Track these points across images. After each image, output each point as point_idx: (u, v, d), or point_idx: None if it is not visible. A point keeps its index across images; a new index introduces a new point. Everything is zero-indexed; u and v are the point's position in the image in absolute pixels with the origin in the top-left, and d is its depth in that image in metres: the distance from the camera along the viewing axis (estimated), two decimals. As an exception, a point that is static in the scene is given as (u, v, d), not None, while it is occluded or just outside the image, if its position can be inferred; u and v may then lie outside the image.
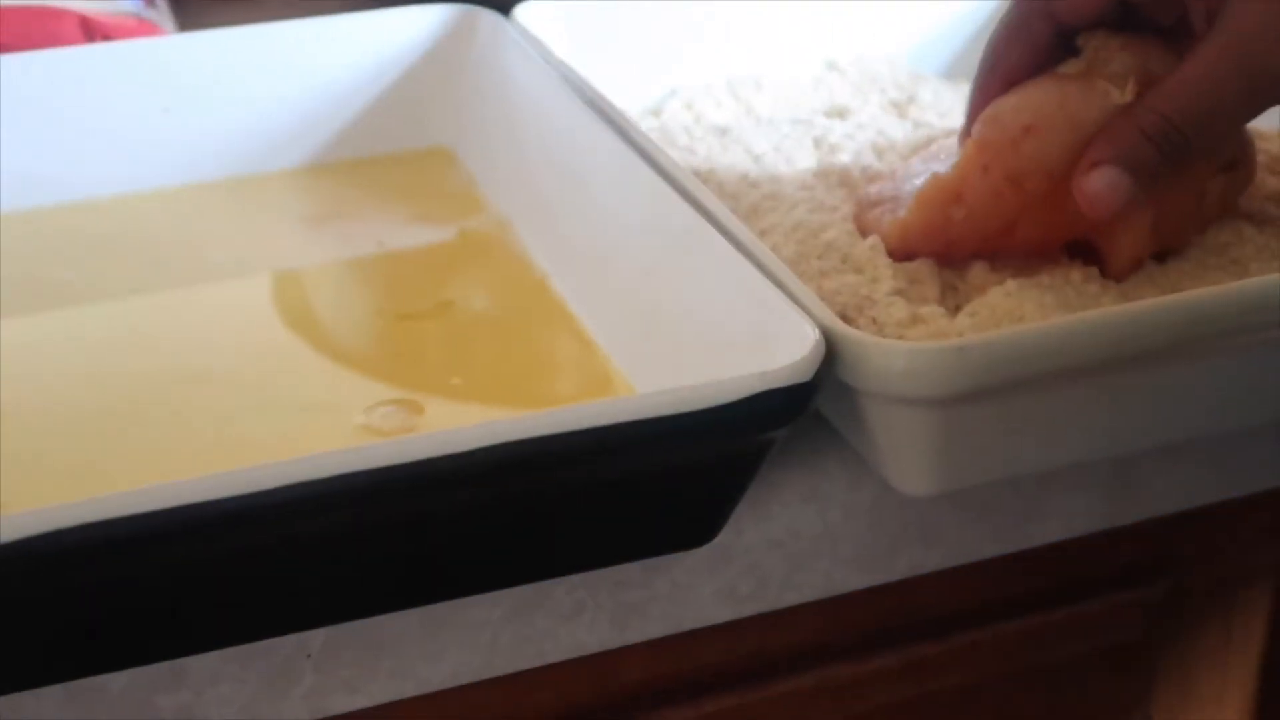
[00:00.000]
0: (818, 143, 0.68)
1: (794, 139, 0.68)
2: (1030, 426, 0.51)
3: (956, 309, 0.56)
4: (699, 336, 0.53)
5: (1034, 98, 0.55)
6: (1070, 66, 0.56)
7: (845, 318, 0.54)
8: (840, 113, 0.71)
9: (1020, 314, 0.54)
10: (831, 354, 0.48)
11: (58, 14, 0.74)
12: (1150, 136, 0.51)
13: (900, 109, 0.72)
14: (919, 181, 0.59)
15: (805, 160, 0.66)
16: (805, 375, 0.47)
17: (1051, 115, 0.54)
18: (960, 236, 0.56)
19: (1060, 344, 0.49)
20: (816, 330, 0.48)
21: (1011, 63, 0.55)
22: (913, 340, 0.53)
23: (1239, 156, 0.58)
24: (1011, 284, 0.55)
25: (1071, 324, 0.49)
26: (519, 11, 0.71)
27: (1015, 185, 0.54)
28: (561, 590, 0.53)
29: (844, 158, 0.67)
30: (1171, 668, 0.65)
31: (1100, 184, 0.51)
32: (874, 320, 0.55)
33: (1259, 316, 0.51)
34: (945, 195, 0.56)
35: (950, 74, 0.77)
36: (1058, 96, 0.54)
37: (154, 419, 0.56)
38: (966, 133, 0.57)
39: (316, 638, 0.50)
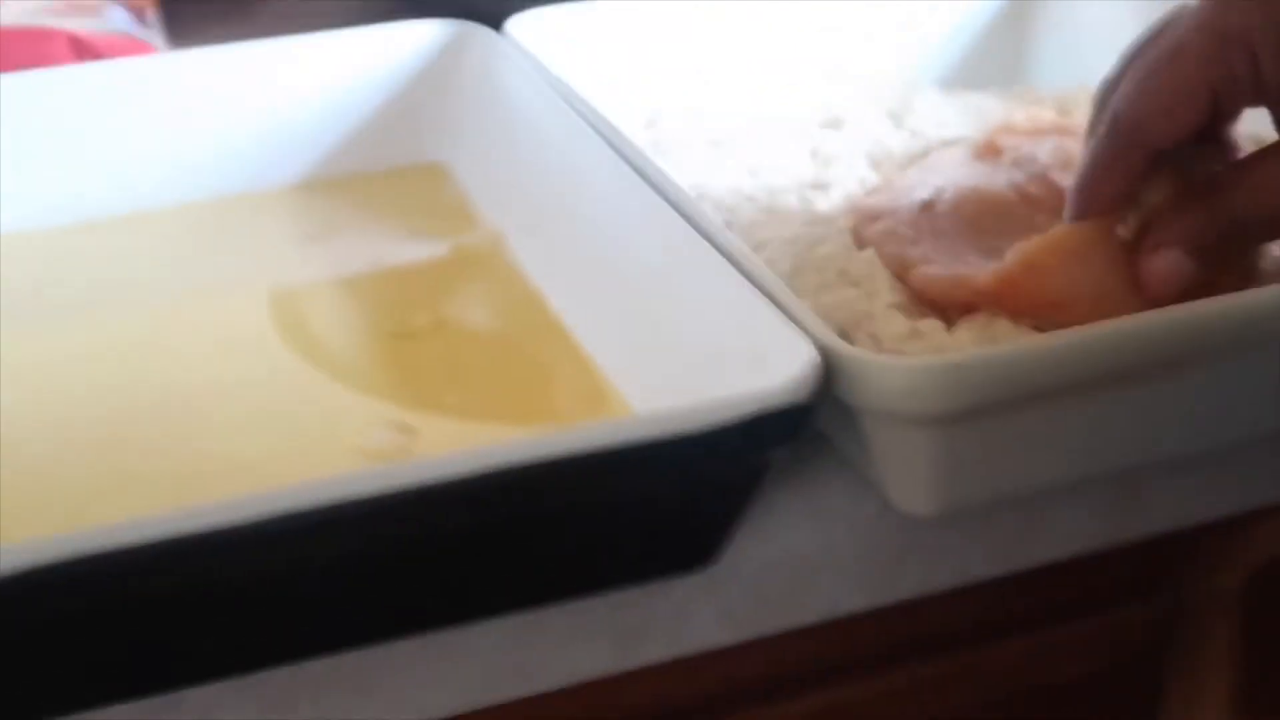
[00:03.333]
0: (814, 154, 0.68)
1: (790, 151, 0.68)
2: (1032, 443, 0.51)
3: (954, 322, 0.55)
4: (695, 353, 0.53)
5: (1074, 273, 0.53)
6: (1126, 225, 0.54)
7: (843, 333, 0.54)
8: (836, 123, 0.71)
9: (1019, 328, 0.54)
10: (830, 372, 0.48)
11: (48, 34, 0.74)
12: (1218, 229, 0.51)
13: (897, 119, 0.71)
14: (921, 194, 0.59)
15: (801, 172, 0.66)
16: (803, 395, 0.46)
17: (1080, 295, 0.53)
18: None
19: (1061, 359, 0.48)
20: (814, 349, 0.48)
21: (1107, 197, 0.53)
22: (911, 355, 0.52)
23: None
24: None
25: (1072, 339, 0.49)
26: (511, 25, 0.71)
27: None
28: (559, 615, 0.52)
29: (840, 169, 0.66)
30: (1177, 683, 0.65)
31: (1165, 265, 0.51)
32: (872, 336, 0.54)
33: (1261, 329, 0.51)
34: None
35: (947, 84, 0.77)
36: (1097, 276, 0.53)
37: (149, 438, 0.56)
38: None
39: (313, 668, 0.50)
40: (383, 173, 0.72)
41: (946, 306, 0.56)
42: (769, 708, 0.58)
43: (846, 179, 0.65)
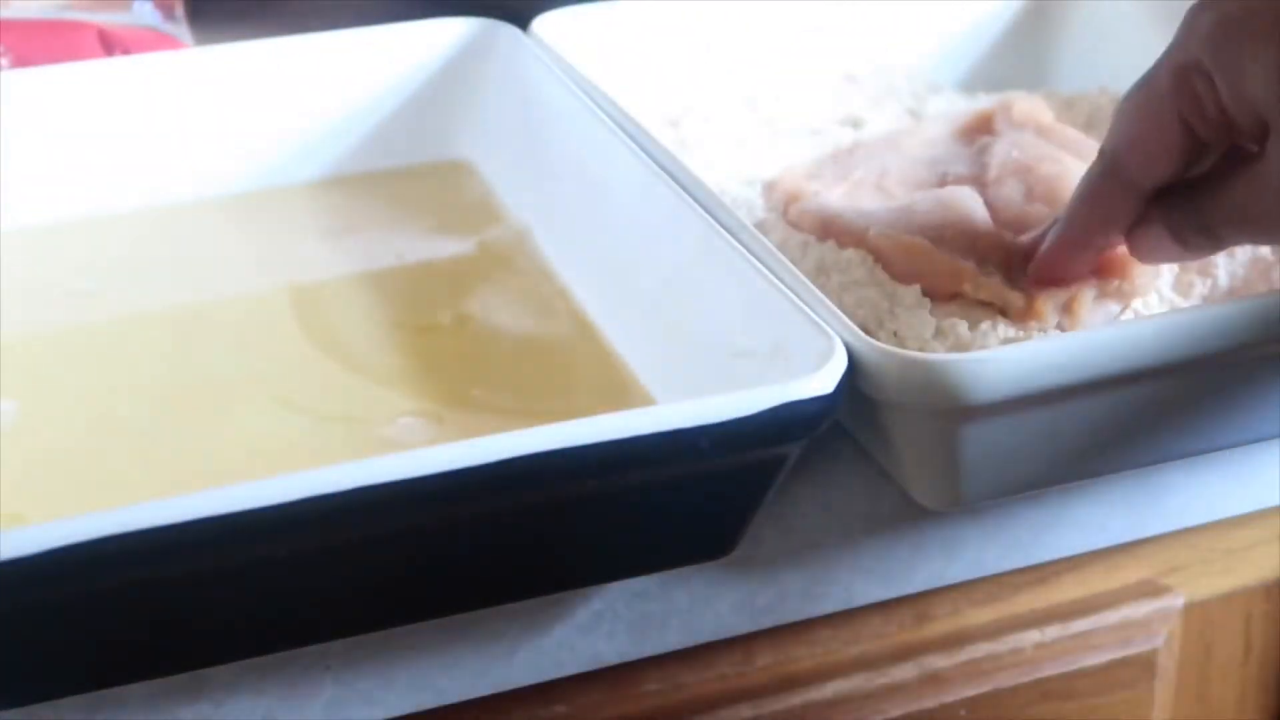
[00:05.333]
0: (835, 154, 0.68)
1: (811, 150, 0.68)
2: (1051, 439, 0.51)
3: (978, 322, 0.56)
4: (719, 348, 0.53)
5: None
6: None
7: (866, 330, 0.54)
8: (857, 123, 0.71)
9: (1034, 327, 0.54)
10: (853, 366, 0.48)
11: (77, 27, 0.75)
12: (1197, 227, 0.52)
13: (917, 120, 0.72)
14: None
15: (823, 172, 0.66)
16: (826, 388, 0.47)
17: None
18: None
19: (1083, 356, 0.49)
20: (838, 342, 0.48)
21: (1090, 226, 0.55)
22: (933, 351, 0.53)
23: None
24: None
25: (1094, 336, 0.49)
26: (537, 24, 0.71)
27: None
28: (580, 602, 0.53)
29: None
30: (1190, 680, 0.65)
31: (1148, 239, 0.53)
32: (894, 334, 0.54)
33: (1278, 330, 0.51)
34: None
35: (968, 85, 0.77)
36: None
37: (175, 432, 0.56)
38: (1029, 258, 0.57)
39: (336, 649, 0.50)
40: (408, 169, 0.72)
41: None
42: (785, 697, 0.58)
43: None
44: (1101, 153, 0.53)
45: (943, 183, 0.63)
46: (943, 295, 0.56)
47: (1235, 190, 0.51)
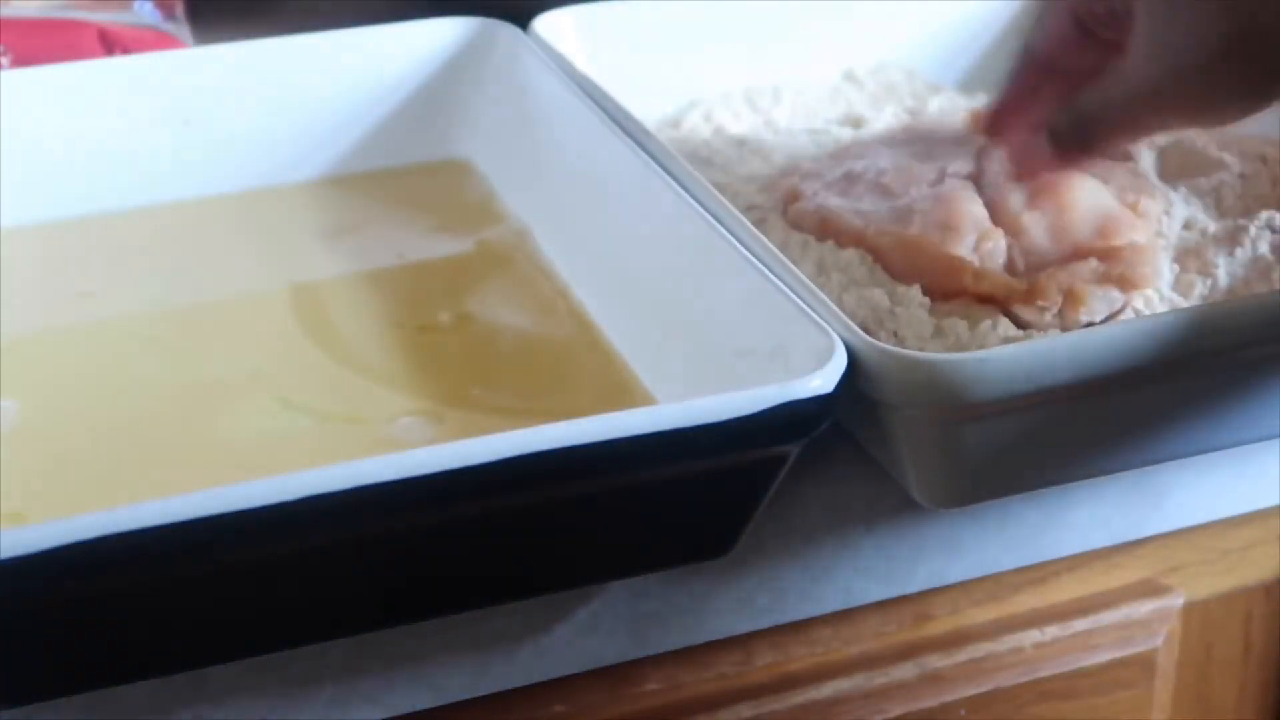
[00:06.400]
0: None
1: (812, 150, 0.68)
2: (1052, 439, 0.51)
3: (978, 322, 0.56)
4: (719, 347, 0.53)
5: None
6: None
7: (867, 331, 0.54)
8: (855, 122, 0.71)
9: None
10: (853, 365, 0.48)
11: (77, 26, 0.75)
12: (1066, 118, 0.58)
13: (917, 119, 0.72)
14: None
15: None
16: (826, 387, 0.47)
17: None
18: None
19: (1083, 356, 0.49)
20: (838, 342, 0.48)
21: (1009, 102, 0.62)
22: (934, 353, 0.53)
23: None
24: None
25: (1094, 336, 0.49)
26: (537, 24, 0.72)
27: None
28: (579, 601, 0.53)
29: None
30: (1190, 680, 0.65)
31: (1022, 141, 0.60)
32: (894, 334, 0.54)
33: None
34: None
35: (968, 85, 0.77)
36: None
37: (174, 431, 0.56)
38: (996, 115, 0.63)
39: (335, 648, 0.50)
40: (407, 168, 0.72)
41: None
42: (785, 696, 0.58)
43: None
44: (1023, 44, 0.61)
45: (941, 181, 0.63)
46: (943, 294, 0.56)
47: (1104, 85, 0.56)
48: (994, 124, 0.63)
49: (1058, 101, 0.60)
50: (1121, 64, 0.55)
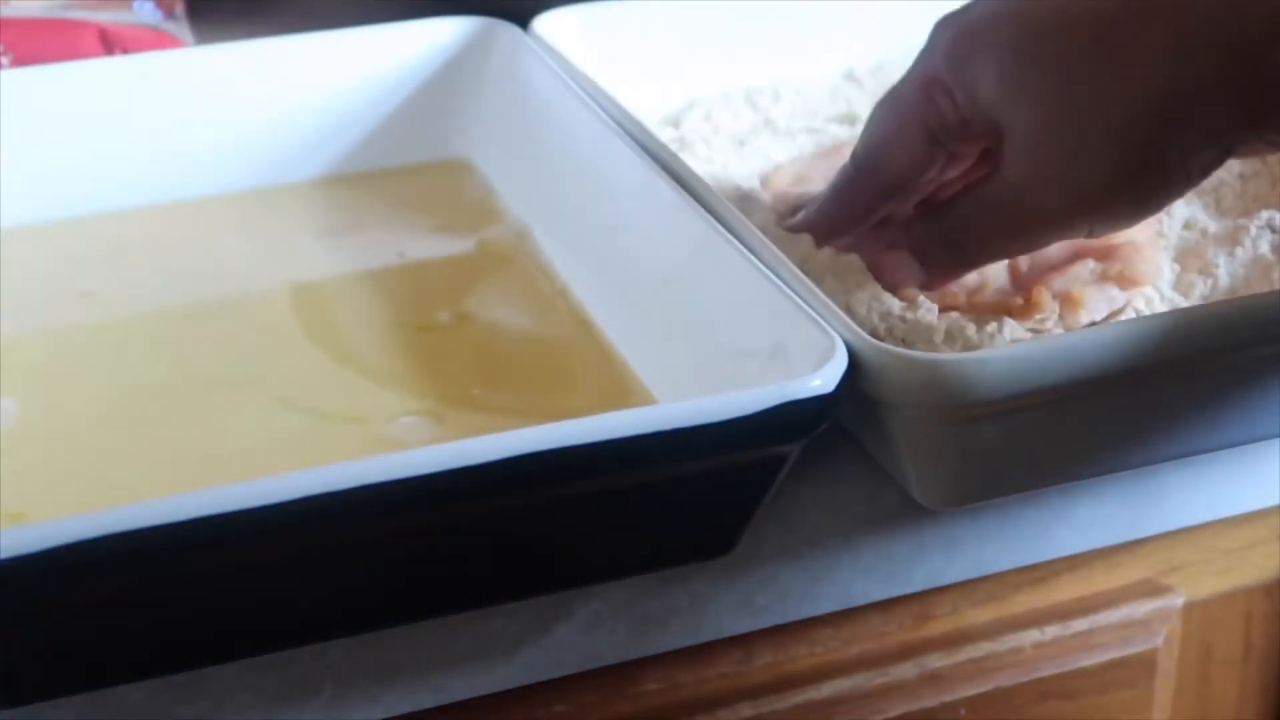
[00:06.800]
0: (835, 153, 0.68)
1: (811, 149, 0.68)
2: (1053, 439, 0.51)
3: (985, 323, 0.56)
4: (720, 348, 0.53)
5: None
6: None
7: (872, 333, 0.54)
8: (855, 122, 0.72)
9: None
10: (853, 365, 0.48)
11: (77, 26, 0.75)
12: (938, 241, 0.56)
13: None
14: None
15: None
16: (826, 387, 0.47)
17: None
18: None
19: (1083, 356, 0.49)
20: (839, 341, 0.48)
21: (839, 220, 0.59)
22: (935, 351, 0.53)
23: None
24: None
25: (1094, 336, 0.49)
26: (537, 23, 0.72)
27: None
28: (580, 601, 0.53)
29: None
30: (1190, 680, 0.65)
31: (894, 261, 0.57)
32: (902, 339, 0.54)
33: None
34: None
35: (968, 86, 0.77)
36: None
37: (174, 431, 0.56)
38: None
39: (335, 648, 0.50)
40: (407, 168, 0.72)
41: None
42: (785, 696, 0.58)
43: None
44: (853, 154, 0.58)
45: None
46: (942, 306, 0.56)
47: (980, 199, 0.54)
48: (827, 234, 0.59)
49: (901, 216, 0.58)
50: (987, 187, 0.54)
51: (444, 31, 0.72)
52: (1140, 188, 0.51)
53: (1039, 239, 0.54)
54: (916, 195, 0.58)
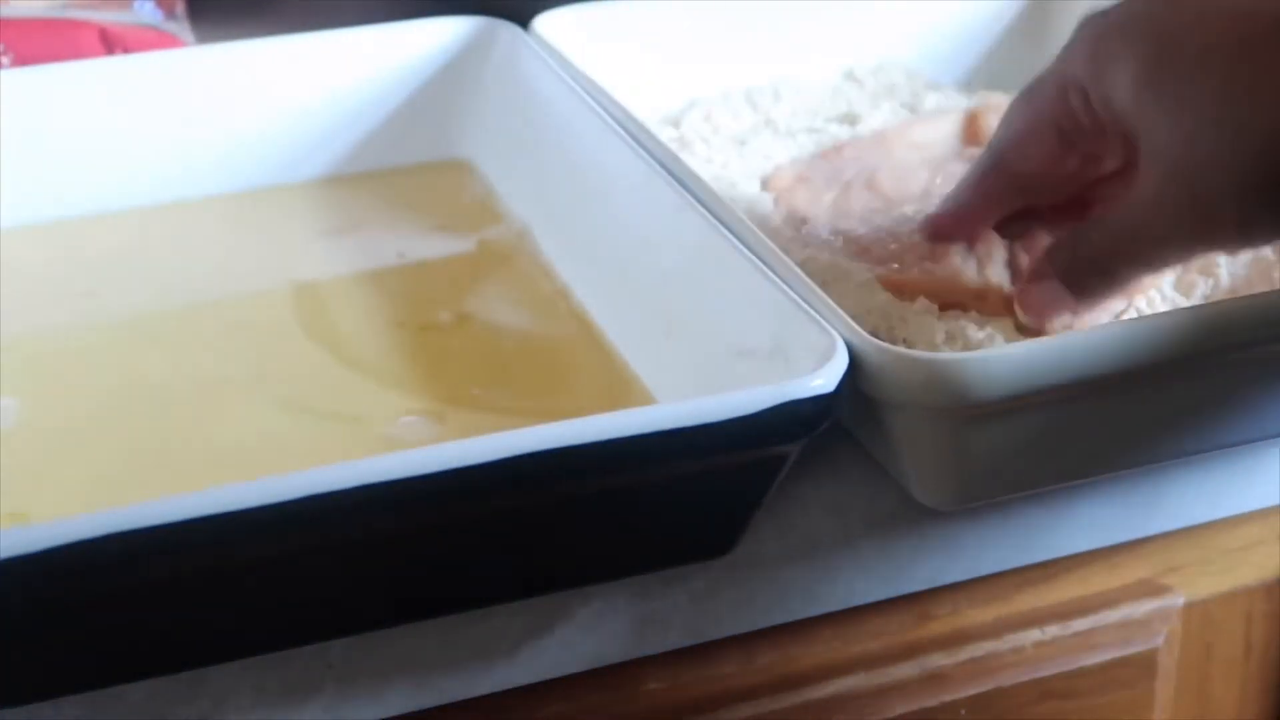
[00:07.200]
0: (835, 152, 0.68)
1: (811, 149, 0.68)
2: (1053, 439, 0.51)
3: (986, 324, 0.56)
4: (720, 347, 0.53)
5: None
6: None
7: (875, 335, 0.54)
8: (855, 121, 0.71)
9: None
10: (853, 365, 0.48)
11: (78, 26, 0.75)
12: (1085, 265, 0.54)
13: (912, 115, 0.72)
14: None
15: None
16: (827, 386, 0.47)
17: None
18: None
19: (1083, 356, 0.49)
20: (839, 340, 0.48)
21: (968, 210, 0.59)
22: (936, 351, 0.53)
23: None
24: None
25: (1094, 336, 0.49)
26: (537, 23, 0.72)
27: None
28: (580, 601, 0.53)
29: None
30: (1190, 680, 0.65)
31: (1041, 295, 0.55)
32: (904, 340, 0.54)
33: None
34: None
35: (968, 85, 0.77)
36: None
37: (174, 430, 0.56)
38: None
39: (336, 647, 0.50)
40: (408, 168, 0.72)
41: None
42: (786, 696, 0.58)
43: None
44: (989, 146, 0.58)
45: (934, 183, 0.63)
46: (945, 306, 0.56)
47: (1119, 217, 0.52)
48: (953, 228, 0.59)
49: (1023, 212, 0.58)
50: (1130, 193, 0.52)
51: (444, 31, 0.72)
52: (1249, 230, 0.50)
53: (1170, 259, 0.53)
54: (1052, 195, 0.57)
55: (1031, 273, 0.55)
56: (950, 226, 0.59)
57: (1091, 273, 0.53)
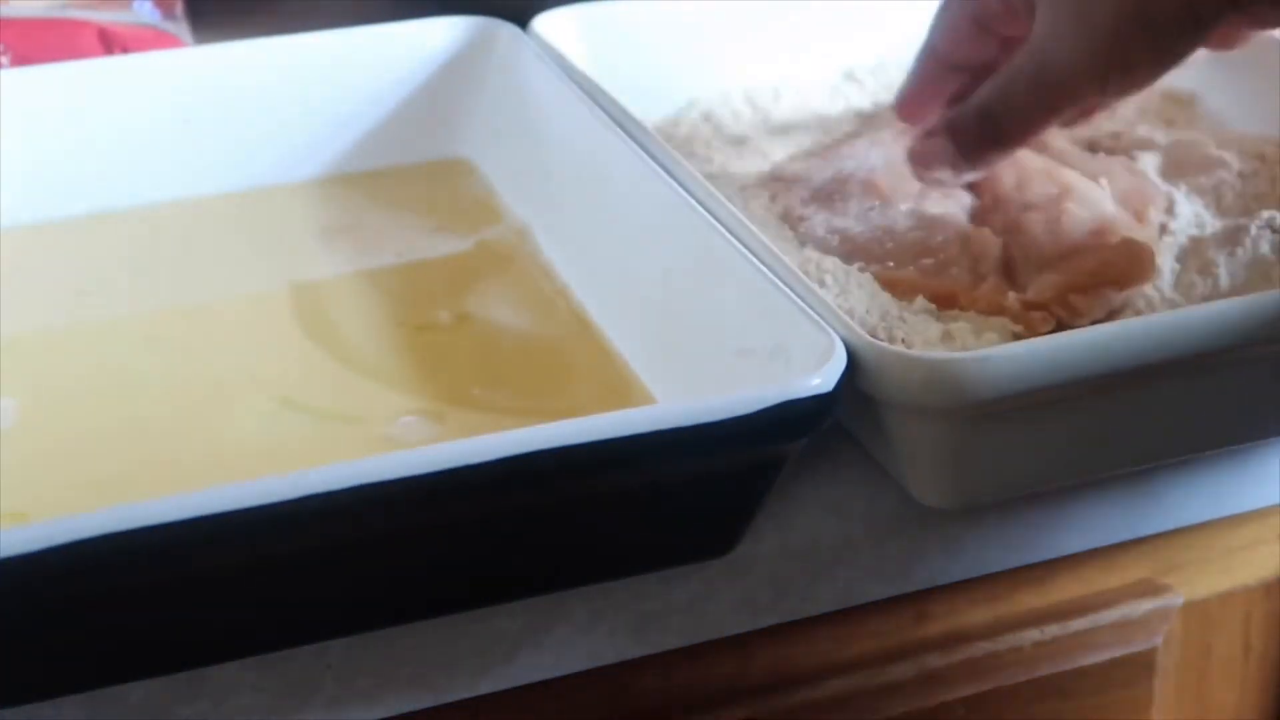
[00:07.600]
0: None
1: (811, 149, 0.68)
2: (1052, 439, 0.51)
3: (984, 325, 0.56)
4: (719, 347, 0.53)
5: None
6: None
7: (873, 335, 0.54)
8: (850, 120, 0.72)
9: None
10: (853, 365, 0.48)
11: (77, 25, 0.75)
12: (973, 117, 0.58)
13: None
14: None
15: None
16: (826, 386, 0.47)
17: None
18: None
19: (1083, 356, 0.49)
20: (837, 340, 0.48)
21: (912, 98, 0.65)
22: (934, 350, 0.53)
23: None
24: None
25: (1094, 336, 0.49)
26: (537, 23, 0.72)
27: None
28: (579, 601, 0.53)
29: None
30: (1189, 680, 0.65)
31: (927, 146, 0.60)
32: (902, 340, 0.54)
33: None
34: None
35: (968, 86, 0.77)
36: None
37: (174, 430, 0.56)
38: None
39: (336, 647, 0.50)
40: (407, 167, 0.72)
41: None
42: (784, 696, 0.58)
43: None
44: (926, 35, 0.63)
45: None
46: (942, 305, 0.56)
47: (1008, 68, 0.57)
48: (912, 111, 0.64)
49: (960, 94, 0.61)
50: (1019, 53, 0.56)
51: (444, 31, 0.72)
52: (1150, 30, 0.53)
53: (1063, 98, 0.56)
54: (986, 75, 0.60)
55: (924, 130, 0.61)
56: (909, 111, 0.65)
57: (976, 121, 0.58)
